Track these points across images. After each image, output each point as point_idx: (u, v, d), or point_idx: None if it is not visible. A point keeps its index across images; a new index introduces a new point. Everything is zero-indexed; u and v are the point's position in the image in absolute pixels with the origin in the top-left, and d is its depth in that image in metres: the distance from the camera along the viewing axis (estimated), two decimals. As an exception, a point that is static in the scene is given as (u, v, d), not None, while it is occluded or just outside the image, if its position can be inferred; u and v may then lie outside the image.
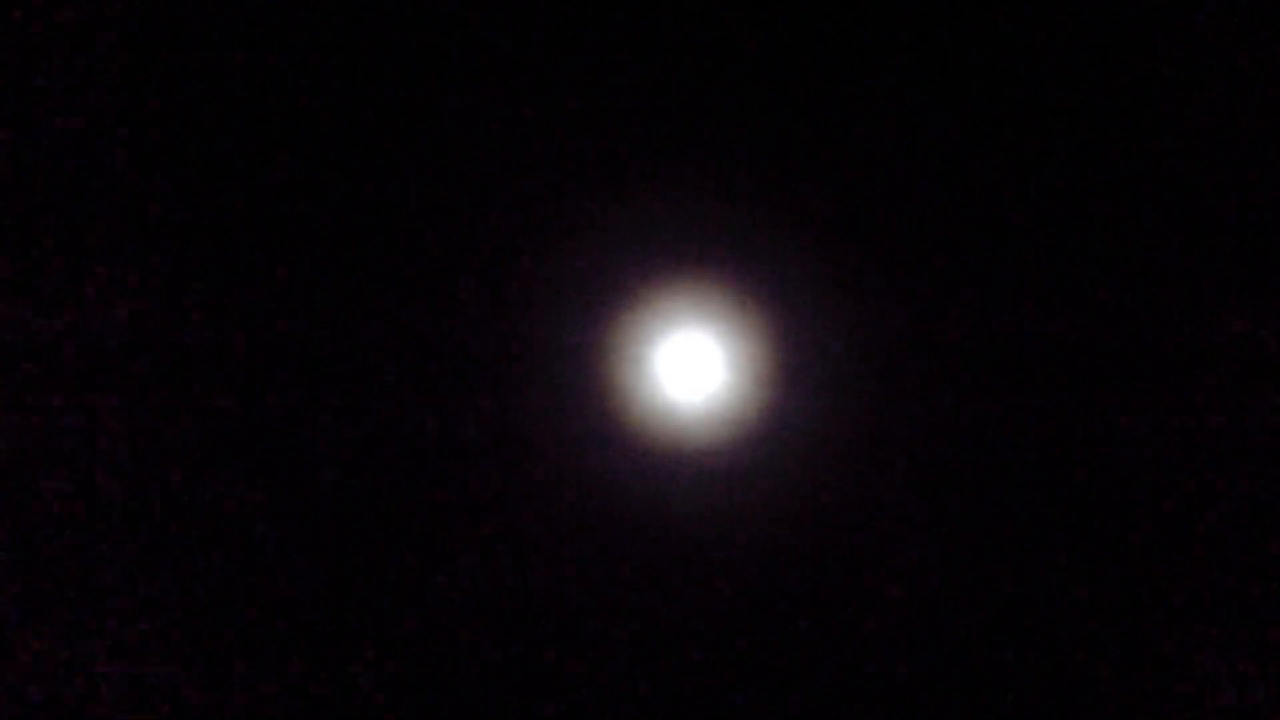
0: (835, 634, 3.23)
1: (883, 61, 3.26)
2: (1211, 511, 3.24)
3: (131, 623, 3.27)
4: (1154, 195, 3.28)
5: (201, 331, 3.27)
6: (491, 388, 3.25)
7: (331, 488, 3.25)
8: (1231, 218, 3.28)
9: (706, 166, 3.28)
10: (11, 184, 3.31)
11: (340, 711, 3.22)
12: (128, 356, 3.28)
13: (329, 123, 3.29)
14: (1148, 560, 3.24)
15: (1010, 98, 3.25)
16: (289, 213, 3.27)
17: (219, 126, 3.30)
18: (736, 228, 3.27)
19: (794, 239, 3.27)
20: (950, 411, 3.26)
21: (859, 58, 3.26)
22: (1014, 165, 3.29)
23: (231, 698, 3.25)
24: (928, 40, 3.27)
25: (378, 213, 3.29)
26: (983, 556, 3.25)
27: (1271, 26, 3.29)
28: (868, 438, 3.25)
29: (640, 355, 3.24)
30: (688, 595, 3.26)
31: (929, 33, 3.27)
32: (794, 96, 3.27)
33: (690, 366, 3.26)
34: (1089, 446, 3.25)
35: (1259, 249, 3.27)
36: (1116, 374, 3.27)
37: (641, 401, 3.24)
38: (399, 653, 3.24)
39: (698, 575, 3.25)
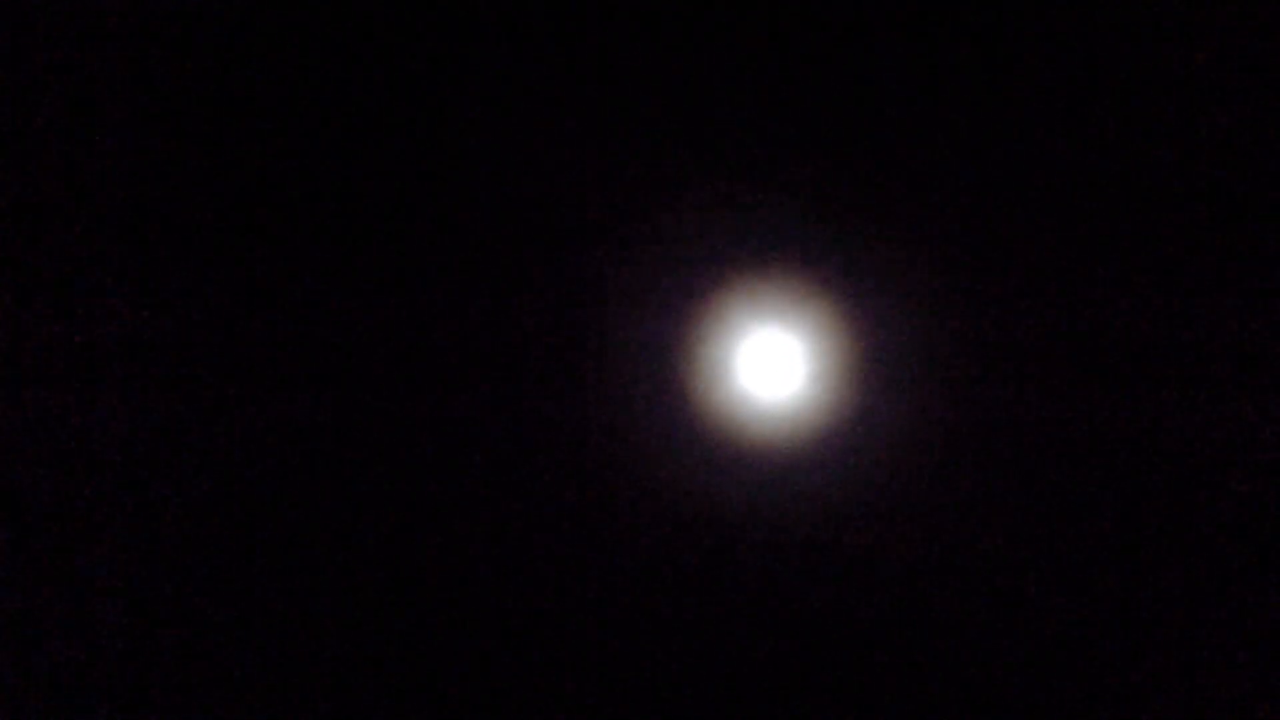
0: (917, 634, 3.23)
1: (963, 66, 3.30)
2: None
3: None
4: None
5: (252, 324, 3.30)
6: (571, 386, 3.26)
7: (403, 485, 3.26)
8: None
9: (789, 163, 3.30)
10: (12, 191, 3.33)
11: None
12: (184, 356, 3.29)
13: (400, 113, 3.31)
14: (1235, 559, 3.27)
15: (1100, 111, 3.31)
16: (360, 206, 3.30)
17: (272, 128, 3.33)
18: (816, 224, 3.29)
19: (874, 236, 3.29)
20: (1034, 411, 3.27)
21: (938, 60, 3.30)
22: (1099, 168, 3.31)
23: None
24: (1008, 47, 3.32)
25: (457, 205, 3.30)
26: (1065, 557, 3.25)
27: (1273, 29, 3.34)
28: (948, 437, 3.26)
29: (720, 353, 3.25)
30: (767, 594, 3.26)
31: (1012, 35, 3.32)
32: (877, 95, 3.31)
33: (770, 365, 3.26)
34: (1179, 447, 3.26)
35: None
36: (1210, 376, 3.28)
37: (721, 400, 3.25)
38: (464, 652, 3.24)
39: (777, 574, 3.25)
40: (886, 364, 3.25)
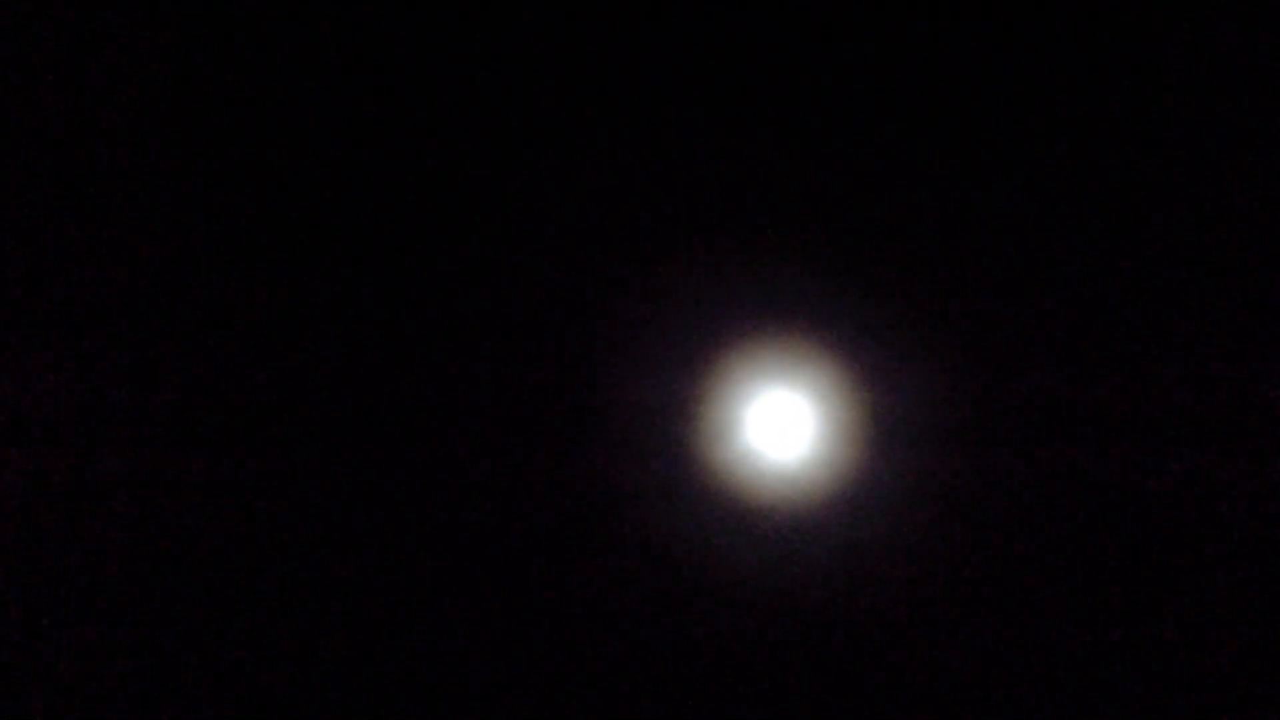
0: (925, 694, 3.25)
1: (975, 133, 3.31)
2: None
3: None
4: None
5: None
6: (579, 447, 3.28)
7: (407, 541, 3.28)
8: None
9: (799, 222, 3.31)
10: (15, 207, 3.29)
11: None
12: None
13: (413, 163, 3.32)
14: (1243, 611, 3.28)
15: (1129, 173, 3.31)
16: (367, 259, 3.31)
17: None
18: (826, 284, 3.30)
19: (886, 295, 3.30)
20: (1045, 473, 3.28)
21: (951, 124, 3.30)
22: (1109, 226, 3.31)
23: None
24: (1029, 117, 3.31)
25: (466, 262, 3.31)
26: (1077, 619, 3.26)
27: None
28: (959, 498, 3.27)
29: (729, 413, 3.25)
30: (777, 657, 3.27)
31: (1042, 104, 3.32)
32: (887, 155, 3.30)
33: (780, 425, 3.28)
34: (1191, 508, 3.27)
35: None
36: (1230, 433, 3.28)
37: (730, 460, 3.26)
38: (465, 711, 3.27)
39: (787, 635, 3.27)
40: (895, 424, 3.25)
